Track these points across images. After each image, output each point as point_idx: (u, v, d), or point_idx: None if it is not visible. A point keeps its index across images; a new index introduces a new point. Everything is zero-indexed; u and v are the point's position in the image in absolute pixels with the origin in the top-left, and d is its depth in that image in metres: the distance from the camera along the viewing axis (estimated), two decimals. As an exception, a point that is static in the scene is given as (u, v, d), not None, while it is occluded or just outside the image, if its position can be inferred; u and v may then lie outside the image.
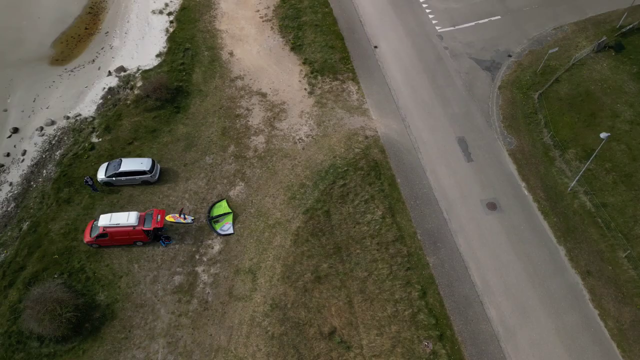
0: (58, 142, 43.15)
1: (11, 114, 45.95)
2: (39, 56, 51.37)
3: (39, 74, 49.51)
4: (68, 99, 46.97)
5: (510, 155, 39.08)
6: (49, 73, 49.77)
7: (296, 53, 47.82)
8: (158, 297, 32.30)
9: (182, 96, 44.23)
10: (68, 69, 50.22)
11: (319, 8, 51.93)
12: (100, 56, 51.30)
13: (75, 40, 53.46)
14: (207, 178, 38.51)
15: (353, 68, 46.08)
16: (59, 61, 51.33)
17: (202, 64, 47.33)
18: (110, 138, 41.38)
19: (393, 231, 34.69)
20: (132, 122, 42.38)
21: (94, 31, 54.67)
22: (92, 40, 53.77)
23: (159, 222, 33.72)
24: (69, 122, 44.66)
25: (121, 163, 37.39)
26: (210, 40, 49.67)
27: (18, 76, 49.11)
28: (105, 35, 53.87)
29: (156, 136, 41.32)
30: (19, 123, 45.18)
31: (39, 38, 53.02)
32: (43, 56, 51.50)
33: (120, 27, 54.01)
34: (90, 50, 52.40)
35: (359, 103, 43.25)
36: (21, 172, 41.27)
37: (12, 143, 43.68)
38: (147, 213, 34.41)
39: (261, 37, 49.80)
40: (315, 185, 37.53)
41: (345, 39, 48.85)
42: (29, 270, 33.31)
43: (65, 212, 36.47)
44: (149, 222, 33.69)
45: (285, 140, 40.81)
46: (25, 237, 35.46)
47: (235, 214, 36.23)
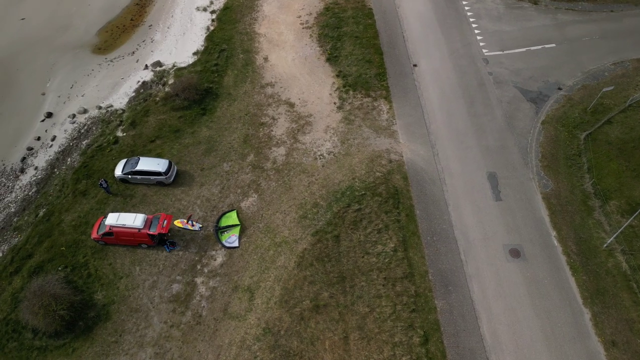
0: (86, 132, 43.76)
1: (48, 98, 47.11)
2: (83, 43, 52.53)
3: (81, 60, 50.60)
4: (103, 89, 47.67)
5: (544, 199, 35.95)
6: (90, 61, 50.76)
7: (331, 64, 46.29)
8: (154, 304, 31.84)
9: (210, 98, 43.76)
10: (108, 58, 51.03)
11: (361, 19, 50.13)
12: (141, 49, 51.80)
13: (119, 31, 54.32)
14: (222, 185, 37.77)
15: (387, 86, 44.04)
16: (101, 50, 52.27)
17: (236, 67, 46.70)
18: (134, 134, 41.47)
19: (403, 267, 32.62)
20: (157, 119, 42.32)
21: (139, 23, 55.37)
22: (135, 32, 54.46)
23: (164, 228, 33.25)
24: (100, 112, 45.24)
25: (139, 162, 37.27)
26: (247, 43, 48.99)
27: (61, 61, 50.40)
28: (149, 28, 54.42)
29: (179, 136, 41.02)
30: (54, 108, 46.24)
31: (85, 25, 54.28)
32: (87, 43, 52.62)
33: (164, 21, 54.42)
34: (132, 41, 53.08)
35: (388, 124, 41.21)
36: (47, 158, 42.13)
37: (44, 127, 44.74)
38: (155, 216, 34.06)
39: (298, 44, 48.61)
40: (329, 207, 35.96)
41: (384, 54, 46.82)
42: (36, 259, 33.73)
43: (80, 204, 36.76)
44: (154, 227, 33.30)
45: (306, 154, 39.44)
46: (38, 225, 36.01)
47: (243, 227, 35.28)
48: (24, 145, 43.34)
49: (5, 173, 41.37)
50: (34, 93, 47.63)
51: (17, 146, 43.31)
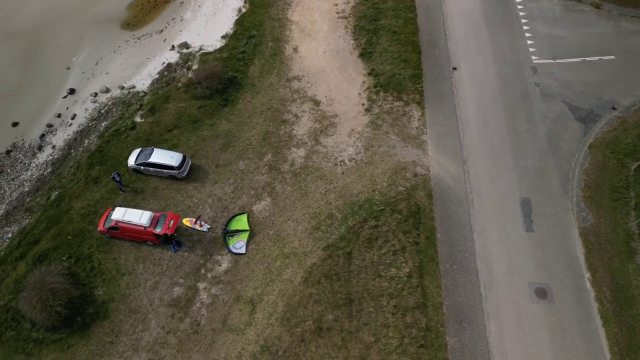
0: (106, 113, 42.72)
1: (72, 74, 46.20)
2: (112, 17, 51.12)
3: (108, 36, 49.30)
4: (128, 68, 46.33)
5: (582, 234, 32.65)
6: (118, 37, 49.38)
7: (364, 60, 43.26)
8: (153, 306, 30.89)
9: (233, 88, 41.72)
10: (136, 35, 49.52)
11: (402, 12, 46.53)
12: (169, 27, 50.01)
13: (150, 6, 52.56)
14: (235, 185, 36.09)
15: (422, 89, 40.83)
16: (129, 25, 50.78)
17: (263, 56, 44.33)
18: (152, 121, 40.07)
19: (416, 295, 30.38)
20: (177, 107, 40.71)
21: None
22: (166, 8, 52.62)
23: (169, 229, 31.98)
24: (122, 92, 44.03)
25: (152, 153, 35.92)
26: (277, 31, 46.37)
27: (88, 35, 49.23)
28: (180, 5, 52.48)
29: (197, 128, 39.37)
30: (77, 84, 45.34)
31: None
32: (116, 18, 51.18)
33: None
34: (162, 19, 51.31)
35: (418, 132, 38.25)
36: (66, 137, 41.42)
37: (65, 104, 43.96)
38: (162, 215, 32.80)
39: (332, 35, 45.64)
40: (344, 220, 33.81)
41: (423, 54, 43.37)
42: (42, 246, 33.22)
43: (91, 192, 35.91)
44: (160, 225, 32.08)
45: (326, 159, 37.14)
46: (48, 210, 35.43)
47: (253, 233, 33.66)
48: (44, 122, 42.72)
49: (23, 149, 40.96)
50: (59, 67, 46.78)
51: (38, 122, 42.75)
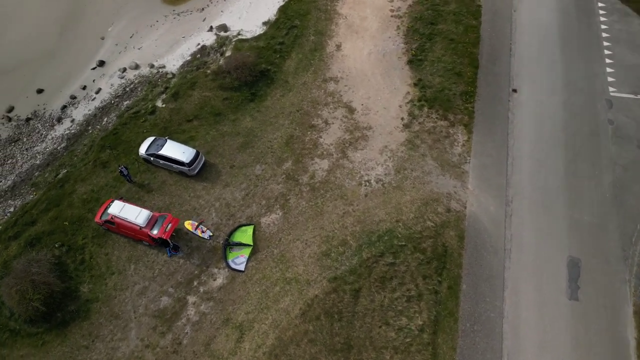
0: (130, 91, 40.47)
1: (105, 45, 44.27)
2: (156, -11, 48.64)
3: (148, 8, 46.99)
4: (161, 45, 43.82)
5: (636, 313, 27.30)
6: (157, 10, 46.95)
7: (412, 68, 38.54)
8: (137, 314, 28.49)
9: (264, 83, 38.27)
10: (176, 11, 46.91)
11: (465, 18, 41.20)
12: (211, 6, 47.01)
13: (196, -19, 49.71)
14: (247, 191, 32.92)
15: (473, 110, 35.81)
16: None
17: (302, 50, 40.48)
18: (173, 107, 37.37)
19: (425, 355, 26.30)
20: (201, 96, 37.78)
21: (218, -26, 50.23)
22: (212, -16, 49.59)
23: (166, 233, 29.31)
24: (151, 71, 41.60)
25: (165, 145, 33.27)
26: (322, 23, 42.27)
27: (129, 4, 47.09)
28: (227, -17, 49.24)
29: (218, 121, 36.34)
30: (108, 57, 43.35)
31: (163, -32, 50.15)
32: (160, -10, 48.68)
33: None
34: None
35: (460, 160, 33.49)
36: (86, 112, 39.55)
37: (92, 76, 42.06)
38: (161, 215, 30.15)
39: (381, 35, 41.06)
40: (358, 250, 29.97)
41: (480, 69, 38.13)
42: (37, 229, 31.49)
43: (97, 177, 33.81)
44: (158, 227, 29.48)
45: (351, 176, 33.21)
46: (51, 189, 33.66)
47: (256, 249, 30.49)
48: (68, 92, 41.02)
49: (42, 119, 39.49)
50: (94, 35, 44.94)
51: (62, 92, 41.13)
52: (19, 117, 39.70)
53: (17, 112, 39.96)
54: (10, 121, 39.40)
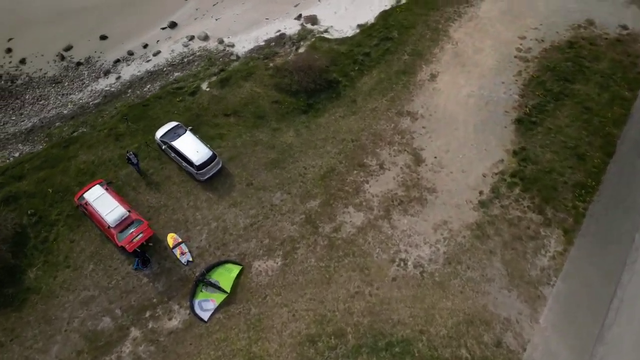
0: (187, 63, 35.64)
1: (186, 6, 40.03)
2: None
3: (245, -21, 41.86)
4: (240, 22, 38.47)
5: None
6: (253, -17, 41.70)
7: (518, 131, 28.86)
8: (70, 326, 23.29)
9: (326, 95, 31.14)
10: (272, -12, 41.24)
11: (614, 84, 30.26)
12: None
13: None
14: (253, 220, 26.23)
15: (584, 213, 25.42)
16: (273, -25, 42.65)
17: (387, 69, 32.52)
18: (216, 95, 31.69)
19: None
20: (251, 90, 31.65)
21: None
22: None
23: (131, 244, 23.66)
24: (217, 47, 36.48)
25: (182, 136, 27.68)
26: (424, 43, 33.83)
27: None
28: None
29: (257, 125, 29.98)
30: (183, 20, 39.03)
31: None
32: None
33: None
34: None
35: (541, 278, 23.60)
36: (135, 73, 35.47)
37: (159, 36, 37.95)
38: (138, 220, 24.52)
39: (493, 76, 31.65)
40: (355, 351, 21.87)
41: (615, 159, 27.32)
42: (20, 186, 27.67)
43: (105, 148, 29.30)
44: (126, 234, 23.92)
45: (385, 246, 24.99)
46: (54, 147, 29.81)
47: (231, 298, 23.79)
48: (128, 47, 37.29)
49: (92, 67, 36.19)
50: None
51: (124, 44, 37.50)
52: (71, 58, 36.85)
53: (72, 53, 37.13)
54: (63, 60, 36.69)
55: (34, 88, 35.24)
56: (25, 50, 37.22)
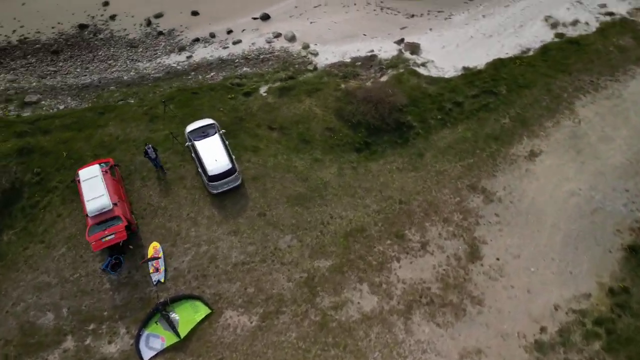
0: (260, 61, 32.33)
1: (285, 2, 37.14)
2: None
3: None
4: (334, 32, 34.72)
5: None
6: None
7: (626, 262, 20.85)
8: (12, 309, 20.57)
9: (389, 138, 25.62)
10: (386, 3, 36.50)
11: None
12: (430, 19, 35.32)
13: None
14: (248, 259, 21.66)
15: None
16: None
17: (477, 129, 26.00)
18: (269, 103, 27.63)
19: None
20: (308, 110, 27.09)
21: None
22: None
23: (96, 243, 20.27)
24: (299, 52, 32.80)
25: (208, 137, 23.96)
26: (536, 110, 26.65)
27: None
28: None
29: (299, 150, 25.38)
30: (278, 15, 36.13)
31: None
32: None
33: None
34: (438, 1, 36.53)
35: None
36: (207, 56, 33.04)
37: (246, 26, 35.34)
38: (117, 217, 21.03)
39: (614, 178, 23.68)
40: None
41: None
42: (40, 141, 25.85)
43: (136, 126, 26.64)
44: (99, 229, 20.63)
45: (387, 353, 18.92)
46: (91, 110, 27.89)
47: (182, 345, 19.43)
48: (213, 28, 35.12)
49: (170, 40, 34.48)
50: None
51: (210, 25, 35.41)
52: (157, 26, 35.58)
53: (160, 22, 35.91)
54: (148, 26, 35.52)
55: (110, 46, 34.34)
56: (120, 8, 36.73)
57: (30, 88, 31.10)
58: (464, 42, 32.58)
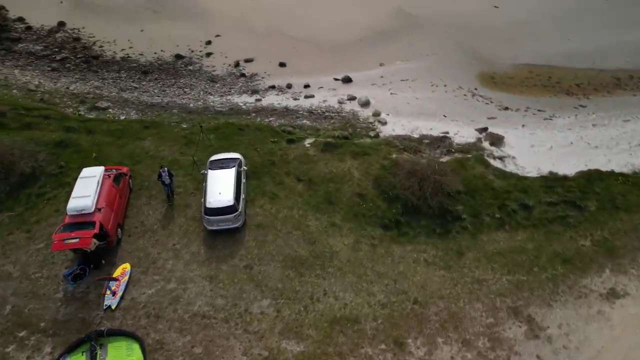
0: (323, 118, 30.50)
1: (373, 71, 35.28)
2: (482, 59, 36.01)
3: (455, 74, 34.78)
4: (412, 106, 31.88)
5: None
6: (462, 80, 34.30)
7: None
8: (-36, 288, 19.29)
9: (428, 224, 21.21)
10: (478, 91, 33.21)
11: None
12: (526, 116, 31.04)
13: (538, 82, 34.47)
14: (208, 314, 18.10)
15: None
16: (491, 81, 34.51)
17: (543, 242, 20.41)
18: (307, 155, 24.88)
19: None
20: (346, 171, 23.74)
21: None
22: (559, 95, 33.28)
23: (60, 243, 18.35)
24: (366, 118, 30.64)
25: (223, 169, 21.74)
26: (631, 241, 20.27)
27: (439, 61, 36.02)
28: (579, 100, 32.26)
29: (317, 209, 21.89)
30: (360, 81, 34.43)
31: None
32: (486, 63, 35.80)
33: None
34: (538, 100, 32.46)
35: None
36: (275, 103, 32.07)
37: (325, 84, 34.05)
38: (91, 222, 19.02)
39: None
40: None
41: None
42: (80, 139, 25.80)
43: (170, 146, 25.68)
44: (69, 229, 18.79)
45: None
46: (138, 123, 27.74)
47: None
48: (292, 80, 34.23)
49: (249, 82, 34.44)
50: (377, 60, 36.43)
51: (292, 77, 34.63)
52: (242, 69, 36.00)
53: (247, 65, 36.24)
54: (235, 67, 36.11)
55: (193, 77, 35.25)
56: (219, 48, 38.01)
57: (108, 96, 32.51)
58: (560, 147, 27.50)
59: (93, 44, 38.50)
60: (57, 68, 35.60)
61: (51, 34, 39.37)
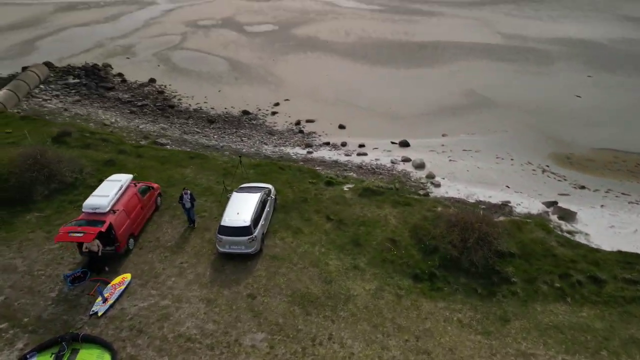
0: (371, 173, 28.87)
1: (434, 139, 33.88)
2: (562, 142, 33.09)
3: (525, 150, 32.28)
4: (471, 174, 29.63)
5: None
6: (534, 156, 31.50)
7: None
8: (-31, 272, 18.85)
9: (469, 282, 17.72)
10: (551, 168, 30.11)
11: None
12: (595, 198, 27.10)
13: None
14: (194, 338, 15.70)
15: None
16: (567, 161, 31.27)
17: (614, 323, 16.04)
18: (342, 197, 22.94)
19: None
20: (382, 216, 21.33)
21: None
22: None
23: (64, 234, 17.49)
24: (417, 178, 28.45)
25: (250, 194, 20.45)
26: None
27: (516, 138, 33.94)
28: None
29: (342, 249, 19.38)
30: (418, 146, 32.98)
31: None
32: (568, 146, 32.77)
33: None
34: (622, 184, 28.62)
35: None
36: (324, 157, 31.24)
37: (381, 145, 33.12)
38: (100, 221, 18.14)
39: None
40: None
41: None
42: (128, 160, 26.41)
43: (208, 174, 25.25)
44: (77, 223, 18.05)
45: None
46: (185, 153, 27.85)
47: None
48: (348, 140, 33.70)
49: (305, 138, 34.32)
50: (441, 132, 35.08)
51: (349, 137, 34.17)
52: (302, 127, 36.32)
53: (308, 125, 36.61)
54: (297, 125, 36.52)
55: (253, 129, 35.98)
56: (285, 110, 39.05)
57: (170, 136, 33.77)
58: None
59: (173, 97, 41.45)
60: (134, 111, 38.32)
61: (141, 87, 43.19)
